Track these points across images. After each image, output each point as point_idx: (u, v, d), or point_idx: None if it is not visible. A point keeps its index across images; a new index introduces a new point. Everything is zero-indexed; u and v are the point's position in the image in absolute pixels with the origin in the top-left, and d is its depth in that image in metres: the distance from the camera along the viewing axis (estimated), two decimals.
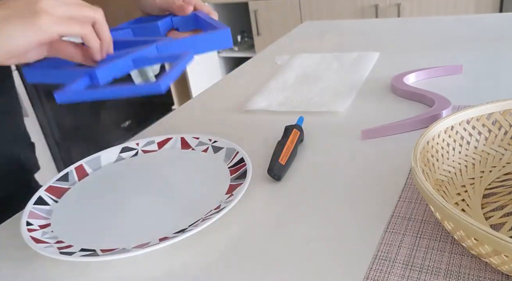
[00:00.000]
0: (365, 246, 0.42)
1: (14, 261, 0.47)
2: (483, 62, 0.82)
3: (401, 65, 0.87)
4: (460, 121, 0.49)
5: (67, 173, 0.59)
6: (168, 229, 0.47)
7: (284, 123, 0.69)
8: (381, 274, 0.38)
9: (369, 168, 0.54)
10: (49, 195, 0.55)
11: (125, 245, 0.45)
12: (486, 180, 0.48)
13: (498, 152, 0.51)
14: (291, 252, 0.43)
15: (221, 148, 0.61)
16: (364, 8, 2.42)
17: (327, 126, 0.66)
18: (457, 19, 1.14)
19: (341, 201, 0.49)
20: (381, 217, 0.45)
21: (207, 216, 0.48)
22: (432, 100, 0.66)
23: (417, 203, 0.46)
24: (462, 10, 2.22)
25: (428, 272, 0.38)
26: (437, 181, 0.46)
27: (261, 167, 0.58)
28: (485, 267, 0.37)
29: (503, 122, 0.50)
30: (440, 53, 0.90)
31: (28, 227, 0.48)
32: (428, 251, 0.40)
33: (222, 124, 0.72)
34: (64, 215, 0.52)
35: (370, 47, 1.00)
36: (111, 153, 0.64)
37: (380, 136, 0.61)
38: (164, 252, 0.45)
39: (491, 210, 0.44)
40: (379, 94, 0.75)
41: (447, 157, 0.49)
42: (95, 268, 0.44)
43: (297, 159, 0.59)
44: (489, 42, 0.92)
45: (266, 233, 0.46)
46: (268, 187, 0.53)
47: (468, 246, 0.36)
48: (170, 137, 0.65)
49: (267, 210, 0.49)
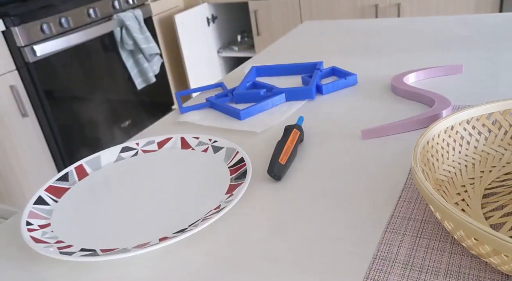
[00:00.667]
0: (365, 246, 0.42)
1: (14, 261, 0.47)
2: (483, 62, 0.82)
3: (401, 65, 0.87)
4: (460, 121, 0.49)
5: (67, 173, 0.59)
6: (168, 229, 0.47)
7: (284, 123, 0.69)
8: (381, 274, 0.38)
9: (369, 168, 0.54)
10: (49, 195, 0.55)
11: (125, 245, 0.45)
12: (486, 180, 0.48)
13: (498, 152, 0.51)
14: (291, 252, 0.43)
15: (221, 148, 0.61)
16: (364, 8, 2.42)
17: (327, 126, 0.66)
18: (457, 19, 1.14)
19: (341, 201, 0.49)
20: (381, 217, 0.45)
21: (207, 216, 0.48)
22: (432, 100, 0.66)
23: (417, 203, 0.46)
24: (462, 10, 2.22)
25: (428, 272, 0.38)
26: (437, 181, 0.46)
27: (261, 167, 0.58)
28: (485, 267, 0.37)
29: (503, 122, 0.50)
30: (440, 53, 0.90)
31: (28, 227, 0.48)
32: (428, 251, 0.40)
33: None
34: (64, 215, 0.52)
35: (370, 47, 1.00)
36: (111, 153, 0.64)
37: (380, 136, 0.61)
38: (164, 252, 0.45)
39: (491, 210, 0.44)
40: (379, 94, 0.75)
41: (447, 157, 0.49)
42: (95, 268, 0.44)
43: (297, 159, 0.59)
44: (489, 42, 0.92)
45: (266, 233, 0.46)
46: (268, 187, 0.53)
47: (468, 246, 0.36)
48: (170, 137, 0.65)
49: (267, 210, 0.49)
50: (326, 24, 1.29)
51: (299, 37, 1.20)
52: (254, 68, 0.90)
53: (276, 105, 0.76)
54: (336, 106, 0.73)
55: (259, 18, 2.67)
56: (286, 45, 1.13)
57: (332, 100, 0.75)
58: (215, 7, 2.84)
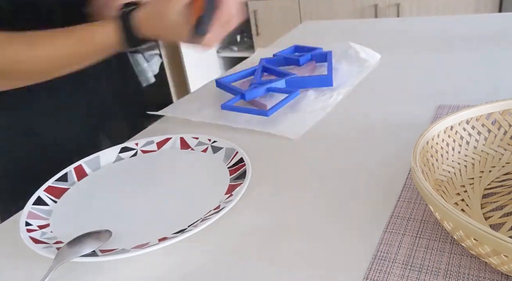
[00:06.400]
0: (364, 246, 0.42)
1: (13, 261, 0.46)
2: (483, 62, 0.82)
3: (401, 65, 0.87)
4: (460, 121, 0.49)
5: (66, 173, 0.59)
6: (167, 229, 0.47)
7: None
8: (380, 274, 0.38)
9: (369, 168, 0.54)
10: (48, 195, 0.55)
11: (125, 246, 0.45)
12: (486, 180, 0.48)
13: (498, 152, 0.51)
14: (290, 252, 0.43)
15: (220, 148, 0.61)
16: (364, 8, 2.42)
17: (327, 126, 0.66)
18: (456, 19, 1.14)
19: (341, 201, 0.49)
20: (381, 217, 0.45)
21: (206, 216, 0.48)
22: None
23: (416, 203, 0.46)
24: (462, 10, 2.22)
25: (427, 272, 0.38)
26: (436, 181, 0.46)
27: (261, 167, 0.58)
28: (485, 267, 0.37)
29: (503, 122, 0.50)
30: (439, 53, 0.90)
31: (27, 227, 0.48)
32: (428, 251, 0.40)
33: (222, 124, 0.72)
34: (63, 215, 0.52)
35: (370, 47, 1.00)
36: (110, 153, 0.63)
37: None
38: (164, 253, 0.45)
39: (491, 210, 0.44)
40: (380, 94, 0.75)
41: (446, 157, 0.49)
42: (94, 269, 0.44)
43: (298, 160, 0.58)
44: (489, 42, 0.92)
45: (266, 233, 0.46)
46: (268, 187, 0.53)
47: (468, 246, 0.36)
48: (169, 137, 0.65)
49: (266, 210, 0.49)
50: (325, 24, 1.29)
51: (299, 37, 1.20)
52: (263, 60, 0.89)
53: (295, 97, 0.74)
54: (335, 106, 0.73)
55: (259, 18, 2.67)
56: (285, 45, 1.13)
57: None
58: None
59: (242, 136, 0.67)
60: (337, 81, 0.81)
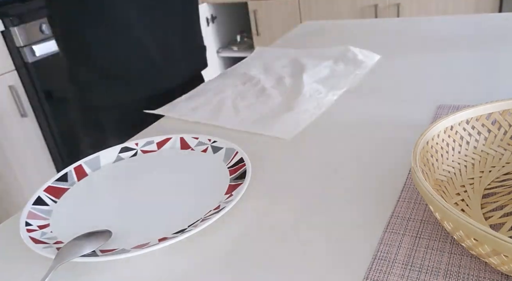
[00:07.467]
0: (364, 246, 0.42)
1: (13, 261, 0.46)
2: (483, 62, 0.82)
3: (401, 65, 0.87)
4: (460, 121, 0.49)
5: (66, 173, 0.59)
6: (167, 229, 0.47)
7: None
8: (380, 274, 0.38)
9: (369, 168, 0.54)
10: (48, 195, 0.55)
11: (125, 246, 0.45)
12: (486, 180, 0.48)
13: (498, 152, 0.51)
14: (290, 252, 0.42)
15: (220, 148, 0.60)
16: (364, 8, 2.42)
17: (326, 126, 0.66)
18: (456, 19, 1.14)
19: (341, 201, 0.49)
20: (381, 217, 0.45)
21: (206, 216, 0.48)
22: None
23: (416, 203, 0.46)
24: (462, 10, 2.22)
25: (427, 272, 0.38)
26: (436, 181, 0.46)
27: (261, 167, 0.58)
28: (485, 267, 0.37)
29: (503, 122, 0.50)
30: (439, 53, 0.90)
31: (27, 227, 0.48)
32: (428, 251, 0.40)
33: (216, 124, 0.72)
34: (63, 215, 0.52)
35: (370, 47, 1.00)
36: (110, 153, 0.63)
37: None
38: (164, 253, 0.45)
39: (491, 210, 0.44)
40: (379, 94, 0.75)
41: (446, 157, 0.49)
42: (94, 269, 0.44)
43: (297, 159, 0.58)
44: (489, 42, 0.92)
45: (266, 233, 0.46)
46: (268, 188, 0.53)
47: (468, 246, 0.36)
48: (169, 137, 0.65)
49: (266, 210, 0.49)
50: (325, 24, 1.29)
51: (299, 37, 1.20)
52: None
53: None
54: (336, 106, 0.73)
55: (259, 18, 2.67)
56: (285, 45, 1.13)
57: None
58: (215, 7, 2.84)
59: (242, 136, 0.67)
60: (332, 81, 0.81)
